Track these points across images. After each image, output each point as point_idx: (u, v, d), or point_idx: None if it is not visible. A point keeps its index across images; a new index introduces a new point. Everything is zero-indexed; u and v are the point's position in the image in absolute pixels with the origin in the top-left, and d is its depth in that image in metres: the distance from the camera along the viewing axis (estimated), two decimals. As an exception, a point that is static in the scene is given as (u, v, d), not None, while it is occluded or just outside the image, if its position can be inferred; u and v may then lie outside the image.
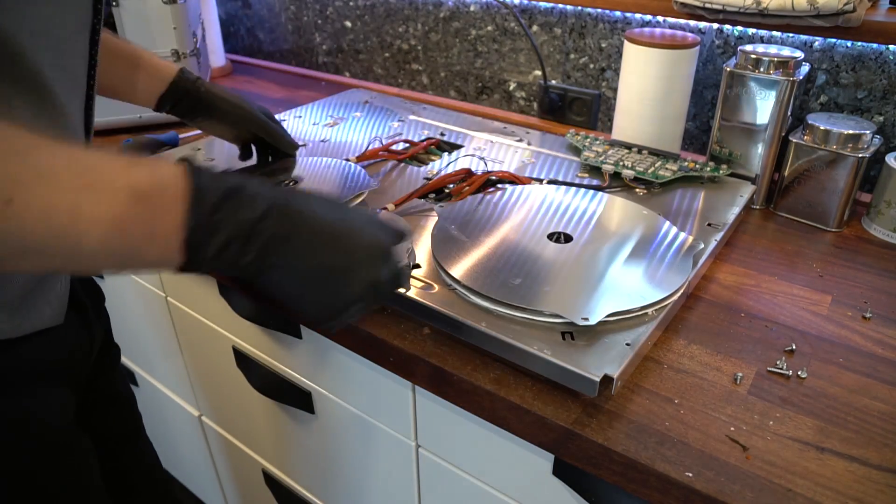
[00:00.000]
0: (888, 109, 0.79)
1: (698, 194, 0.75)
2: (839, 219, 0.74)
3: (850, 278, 0.65)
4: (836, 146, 0.71)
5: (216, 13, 1.30)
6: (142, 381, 1.16)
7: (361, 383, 0.68)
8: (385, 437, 0.70)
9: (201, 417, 1.06)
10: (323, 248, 0.43)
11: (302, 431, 0.83)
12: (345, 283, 0.44)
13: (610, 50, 0.97)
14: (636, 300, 0.54)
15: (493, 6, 1.06)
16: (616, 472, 0.47)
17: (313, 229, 0.43)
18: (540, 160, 0.85)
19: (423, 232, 0.67)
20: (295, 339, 0.72)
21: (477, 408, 0.53)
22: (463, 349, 0.55)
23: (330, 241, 0.43)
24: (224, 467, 1.10)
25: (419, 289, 0.57)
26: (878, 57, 0.77)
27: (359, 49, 1.27)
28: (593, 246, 0.62)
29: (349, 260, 0.44)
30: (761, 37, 0.85)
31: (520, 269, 0.58)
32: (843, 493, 0.43)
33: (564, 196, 0.72)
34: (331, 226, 0.44)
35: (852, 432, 0.47)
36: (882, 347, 0.56)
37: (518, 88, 1.10)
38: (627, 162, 0.80)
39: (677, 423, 0.48)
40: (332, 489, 0.86)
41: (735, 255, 0.69)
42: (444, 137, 0.92)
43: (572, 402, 0.50)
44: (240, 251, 0.39)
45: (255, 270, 0.41)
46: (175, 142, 0.95)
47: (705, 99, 0.92)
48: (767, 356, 0.55)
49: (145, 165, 0.38)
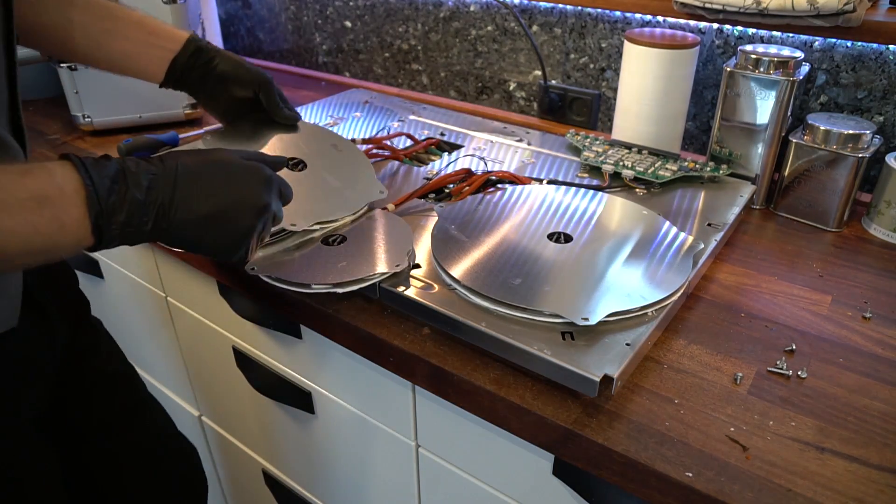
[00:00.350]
0: (888, 109, 0.79)
1: (698, 194, 0.75)
2: (839, 219, 0.74)
3: (850, 278, 0.65)
4: (836, 146, 0.71)
5: (216, 13, 1.30)
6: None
7: (361, 383, 0.68)
8: (385, 437, 0.70)
9: (201, 417, 1.06)
10: (205, 196, 0.48)
11: (302, 431, 0.83)
12: (235, 217, 0.50)
13: (610, 50, 0.97)
14: (636, 300, 0.54)
15: (493, 6, 1.06)
16: (616, 472, 0.47)
17: (193, 186, 0.48)
18: (540, 160, 0.85)
19: (423, 232, 0.67)
20: (295, 339, 0.72)
21: (477, 408, 0.53)
22: (463, 349, 0.55)
23: (209, 187, 0.49)
24: (224, 467, 1.10)
25: (419, 289, 0.57)
26: (878, 57, 0.77)
27: (359, 49, 1.27)
28: (593, 246, 0.62)
29: (232, 196, 0.49)
30: (761, 37, 0.85)
31: (520, 269, 0.58)
32: (844, 493, 0.43)
33: (564, 196, 0.72)
34: (208, 173, 0.49)
35: (852, 432, 0.47)
36: (882, 347, 0.56)
37: (518, 88, 1.10)
38: (627, 162, 0.80)
39: (677, 423, 0.48)
40: (332, 489, 0.86)
41: (735, 255, 0.69)
42: (444, 137, 0.92)
43: (572, 402, 0.50)
44: (139, 223, 0.45)
45: (159, 234, 0.47)
46: (175, 142, 0.95)
47: (705, 99, 0.92)
48: (767, 356, 0.55)
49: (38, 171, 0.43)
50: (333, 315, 0.60)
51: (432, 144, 0.90)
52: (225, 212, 0.49)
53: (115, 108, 1.00)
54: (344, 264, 0.59)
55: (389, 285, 0.58)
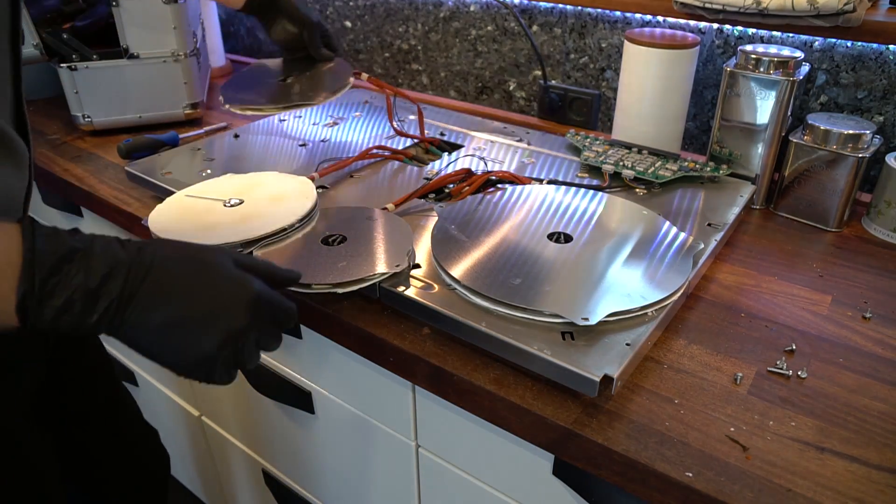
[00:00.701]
0: (888, 109, 0.79)
1: (698, 194, 0.75)
2: (839, 219, 0.74)
3: (850, 278, 0.65)
4: (836, 146, 0.71)
5: (216, 13, 1.30)
6: (142, 381, 1.16)
7: (361, 383, 0.68)
8: (385, 437, 0.70)
9: (201, 417, 1.06)
10: (172, 302, 0.42)
11: (302, 431, 0.83)
12: (200, 335, 0.42)
13: (610, 50, 0.97)
14: (636, 300, 0.54)
15: (493, 6, 1.06)
16: (616, 472, 0.47)
17: (161, 285, 0.42)
18: (540, 160, 0.85)
19: (423, 232, 0.67)
20: (295, 340, 0.72)
21: (477, 408, 0.53)
22: (463, 349, 0.55)
23: (183, 292, 0.42)
24: (224, 467, 1.10)
25: (419, 289, 0.58)
26: (878, 57, 0.77)
27: (359, 49, 1.27)
28: (593, 246, 0.62)
29: (199, 309, 0.42)
30: (761, 37, 0.85)
31: (520, 269, 0.58)
32: (844, 493, 0.43)
33: (564, 196, 0.72)
34: (185, 274, 0.43)
35: (852, 432, 0.47)
36: (882, 347, 0.56)
37: (518, 88, 1.10)
38: (627, 162, 0.80)
39: (677, 423, 0.48)
40: (332, 489, 0.86)
41: (735, 255, 0.69)
42: (444, 137, 0.92)
43: (572, 402, 0.50)
44: (82, 313, 0.39)
45: (106, 329, 0.41)
46: (175, 142, 0.95)
47: (705, 99, 0.92)
48: (767, 356, 0.55)
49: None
50: (333, 315, 0.60)
51: (432, 144, 0.90)
52: (184, 325, 0.42)
53: (115, 108, 1.00)
54: (344, 264, 0.59)
55: (389, 285, 0.58)
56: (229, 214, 0.66)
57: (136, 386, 1.19)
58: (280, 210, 0.66)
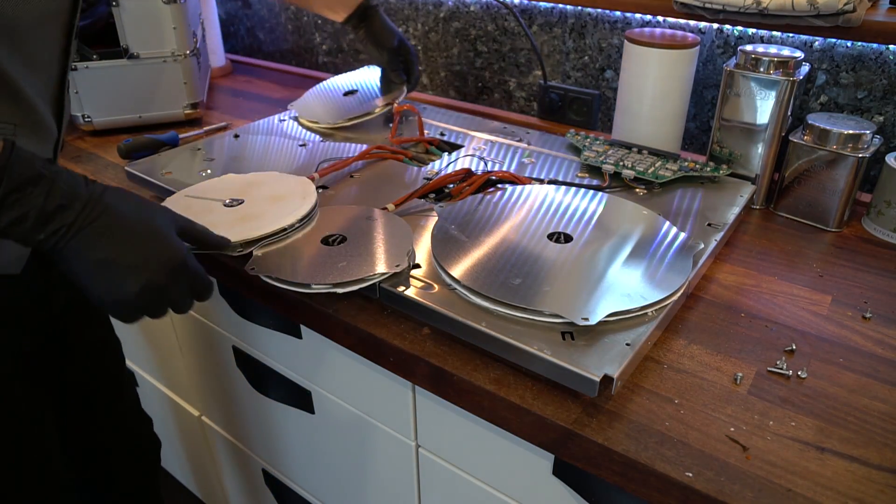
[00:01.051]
0: (888, 109, 0.79)
1: (698, 194, 0.75)
2: (839, 219, 0.74)
3: (850, 278, 0.65)
4: (836, 146, 0.71)
5: (216, 13, 1.30)
6: (142, 381, 1.16)
7: (361, 383, 0.68)
8: (385, 437, 0.70)
9: (201, 417, 1.06)
10: (113, 244, 0.48)
11: (302, 431, 0.83)
12: (125, 280, 0.48)
13: (610, 50, 0.97)
14: (636, 300, 0.54)
15: (493, 6, 1.06)
16: (616, 472, 0.47)
17: (107, 228, 0.48)
18: (540, 160, 0.85)
19: (423, 232, 0.67)
20: (295, 339, 0.72)
21: (477, 408, 0.53)
22: (463, 349, 0.55)
23: (122, 239, 0.48)
24: (224, 467, 1.10)
25: (419, 289, 0.58)
26: (878, 57, 0.77)
27: (359, 49, 1.27)
28: (593, 246, 0.62)
29: (134, 260, 0.48)
30: (761, 37, 0.85)
31: (520, 269, 0.58)
32: (843, 493, 0.43)
33: (564, 196, 0.72)
34: (129, 226, 0.49)
35: (852, 432, 0.47)
36: (882, 347, 0.56)
37: (518, 88, 1.10)
38: (627, 162, 0.80)
39: (677, 423, 0.48)
40: (331, 489, 0.86)
41: (735, 255, 0.69)
42: (444, 137, 0.92)
43: (572, 402, 0.50)
44: (31, 229, 0.45)
45: (48, 250, 0.47)
46: (175, 142, 0.95)
47: (705, 99, 0.92)
48: (767, 356, 0.55)
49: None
50: (333, 315, 0.60)
51: (432, 144, 0.90)
52: (113, 267, 0.48)
53: (115, 108, 1.00)
54: (344, 264, 0.59)
55: (389, 285, 0.58)
56: (229, 214, 0.67)
57: (136, 386, 1.19)
58: (280, 210, 0.66)
